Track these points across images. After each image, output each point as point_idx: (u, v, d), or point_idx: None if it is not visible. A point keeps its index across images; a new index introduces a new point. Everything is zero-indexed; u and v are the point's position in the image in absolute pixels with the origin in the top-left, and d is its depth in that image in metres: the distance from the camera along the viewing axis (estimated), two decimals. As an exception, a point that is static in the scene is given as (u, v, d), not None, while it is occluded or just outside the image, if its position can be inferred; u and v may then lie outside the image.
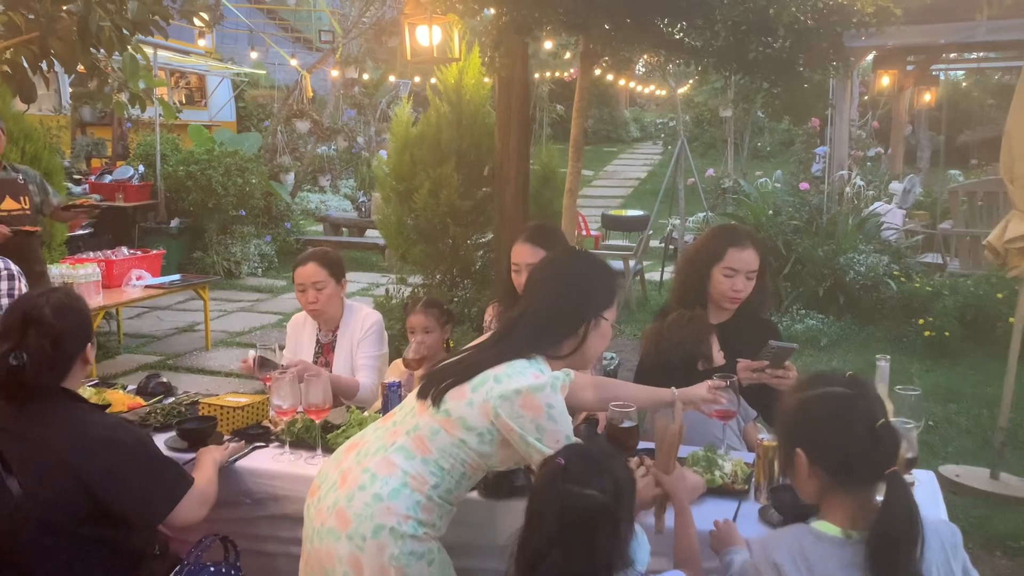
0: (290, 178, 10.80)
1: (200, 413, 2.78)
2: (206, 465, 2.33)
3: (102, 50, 7.10)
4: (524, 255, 2.94)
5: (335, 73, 11.90)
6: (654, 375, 2.67)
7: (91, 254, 6.43)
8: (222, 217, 9.39)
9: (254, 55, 12.05)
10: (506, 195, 5.01)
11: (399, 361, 3.24)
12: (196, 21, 7.67)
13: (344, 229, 11.57)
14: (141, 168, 9.77)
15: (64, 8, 6.78)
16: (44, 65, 7.23)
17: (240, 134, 11.52)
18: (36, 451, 2.05)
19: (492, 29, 3.98)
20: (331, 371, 3.45)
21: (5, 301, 3.87)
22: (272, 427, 2.71)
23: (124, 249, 6.58)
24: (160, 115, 9.54)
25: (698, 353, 2.68)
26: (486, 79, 5.36)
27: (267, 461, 2.48)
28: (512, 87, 4.81)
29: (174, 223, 9.60)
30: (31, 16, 6.66)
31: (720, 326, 2.82)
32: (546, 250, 2.93)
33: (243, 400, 2.78)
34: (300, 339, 3.58)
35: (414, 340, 3.33)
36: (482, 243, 5.61)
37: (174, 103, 9.81)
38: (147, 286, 6.21)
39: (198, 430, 2.59)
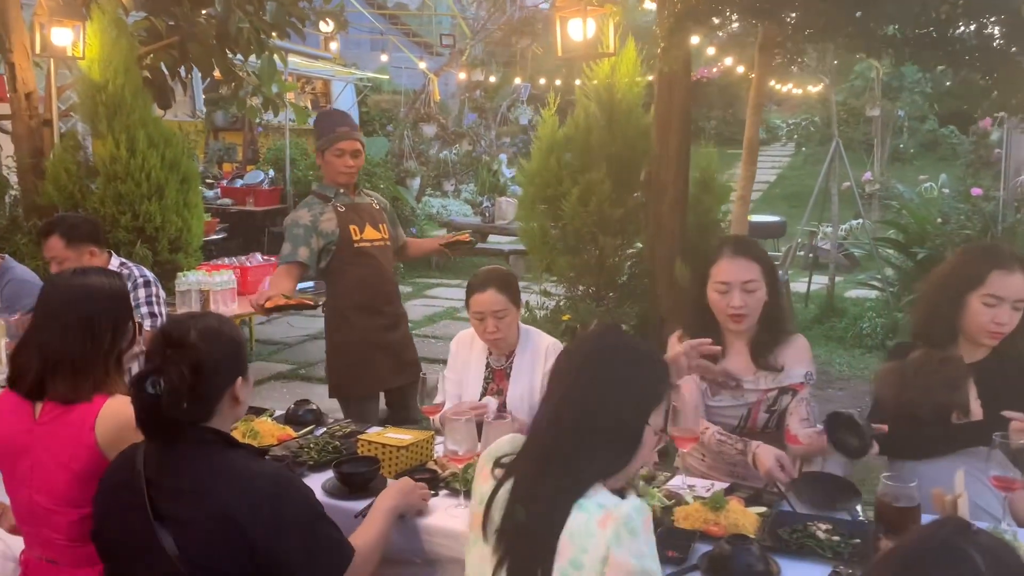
0: (415, 183, 10.66)
1: (359, 451, 2.47)
2: (381, 518, 2.00)
3: (238, 55, 7.11)
4: (736, 272, 2.54)
5: (462, 76, 11.72)
6: (896, 426, 2.20)
7: (226, 260, 6.36)
8: (349, 222, 9.29)
9: (384, 58, 11.99)
10: (663, 202, 4.57)
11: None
12: (322, 27, 7.62)
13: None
14: (271, 172, 9.81)
15: (203, 12, 6.79)
16: (182, 70, 7.29)
17: (367, 138, 11.47)
18: (194, 504, 1.77)
19: (668, 16, 3.56)
20: (504, 401, 3.11)
21: (144, 310, 3.71)
22: (439, 470, 2.37)
23: (258, 255, 6.49)
24: (291, 120, 9.56)
25: (952, 403, 2.19)
26: (640, 77, 4.93)
27: (442, 516, 2.14)
28: (674, 84, 4.38)
29: (302, 228, 9.57)
30: (171, 22, 6.72)
31: (975, 366, 2.31)
32: (760, 265, 2.57)
33: (406, 438, 2.46)
34: (467, 361, 3.24)
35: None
36: (630, 253, 5.17)
37: (306, 107, 9.81)
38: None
39: (360, 476, 2.27)
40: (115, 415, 2.02)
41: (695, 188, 4.80)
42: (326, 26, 7.46)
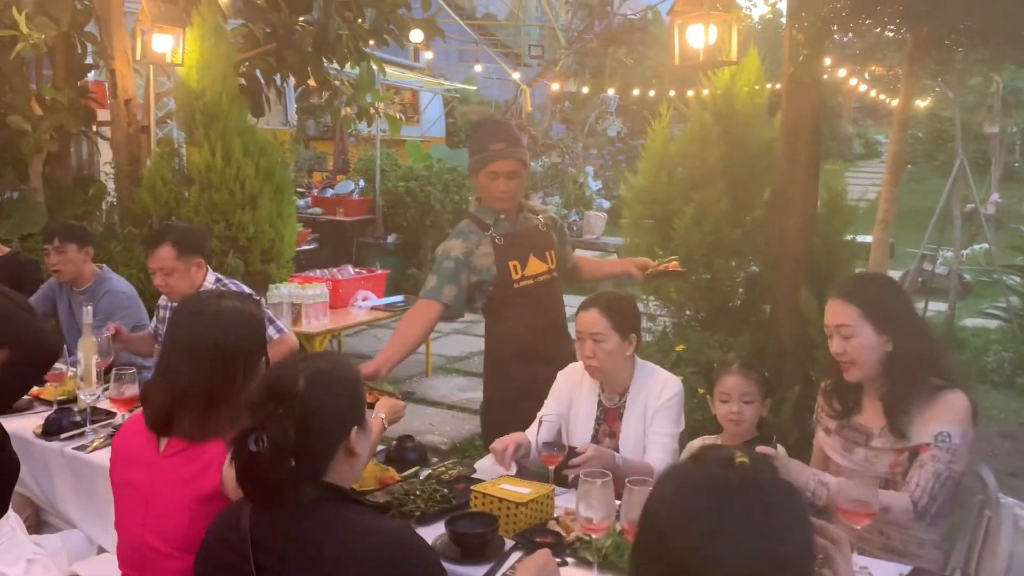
0: (504, 194, 10.44)
1: (472, 506, 2.19)
2: None
3: (334, 63, 7.00)
4: (831, 315, 2.34)
5: (555, 86, 11.47)
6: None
7: (317, 272, 6.23)
8: (438, 234, 9.11)
9: (478, 68, 11.85)
10: (789, 223, 4.18)
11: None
12: (413, 36, 7.45)
13: (554, 248, 11.07)
14: (361, 183, 9.73)
15: (301, 20, 6.70)
16: (278, 78, 7.23)
17: (456, 149, 11.33)
18: (304, 570, 1.52)
19: (811, 22, 3.20)
20: (618, 444, 2.81)
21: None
22: (563, 533, 2.07)
23: (349, 268, 6.35)
24: (383, 130, 9.46)
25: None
26: (761, 87, 4.57)
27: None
28: (805, 94, 3.99)
29: (390, 239, 9.47)
30: (267, 29, 6.65)
31: None
32: (859, 307, 2.29)
33: (525, 491, 2.16)
34: (578, 399, 2.95)
35: (725, 408, 2.64)
36: (743, 278, 4.80)
37: (400, 118, 9.71)
38: (373, 307, 5.89)
39: (477, 537, 1.99)
40: None
41: (822, 208, 4.40)
42: (417, 35, 7.30)
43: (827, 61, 3.51)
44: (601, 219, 10.34)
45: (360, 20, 6.08)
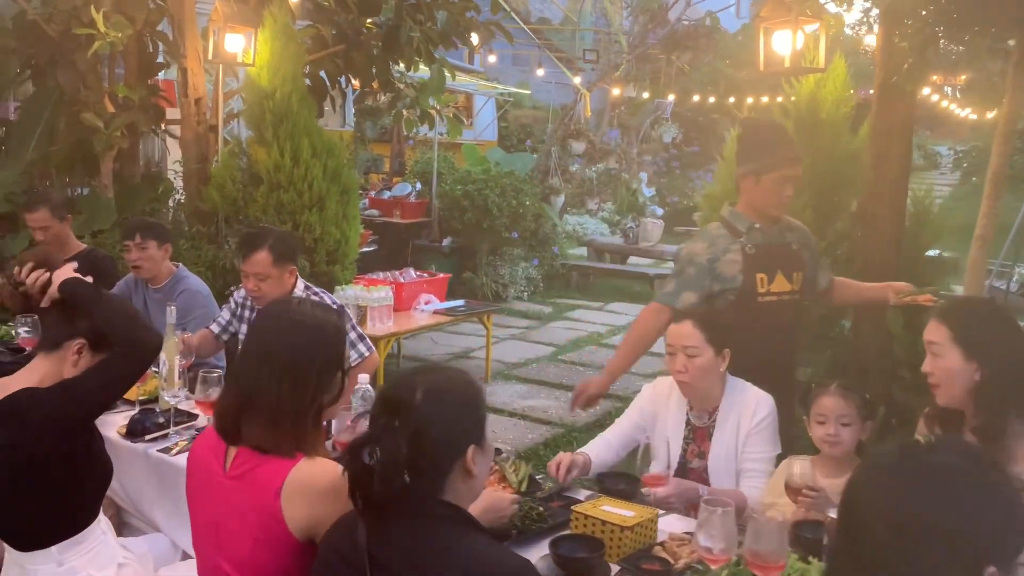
0: (559, 200, 10.36)
1: (572, 527, 2.11)
2: None
3: (399, 65, 6.99)
4: (930, 332, 2.22)
5: (616, 91, 11.37)
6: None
7: (380, 275, 6.20)
8: (494, 238, 9.07)
9: (540, 72, 11.79)
10: (874, 237, 4.05)
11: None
12: (474, 39, 7.38)
13: (607, 255, 10.97)
14: (418, 185, 9.72)
15: (368, 22, 6.70)
16: (342, 79, 7.23)
17: (512, 154, 11.28)
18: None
19: (922, 29, 3.07)
20: (707, 465, 2.71)
21: (352, 335, 3.48)
22: (671, 560, 1.98)
23: (411, 271, 6.32)
24: (441, 133, 9.44)
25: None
26: (848, 95, 4.42)
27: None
28: (899, 104, 3.85)
29: (446, 242, 9.44)
30: (334, 31, 6.65)
31: None
32: (948, 328, 2.17)
33: (629, 515, 2.08)
34: (664, 416, 2.86)
35: (822, 430, 2.52)
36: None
37: (463, 121, 9.70)
38: (435, 311, 5.84)
39: (583, 563, 1.91)
40: (304, 483, 1.74)
41: (909, 222, 4.24)
42: (473, 38, 7.24)
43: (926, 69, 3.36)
44: (658, 226, 10.20)
45: (430, 23, 6.04)
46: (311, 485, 1.71)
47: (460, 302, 6.35)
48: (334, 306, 3.59)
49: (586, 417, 5.63)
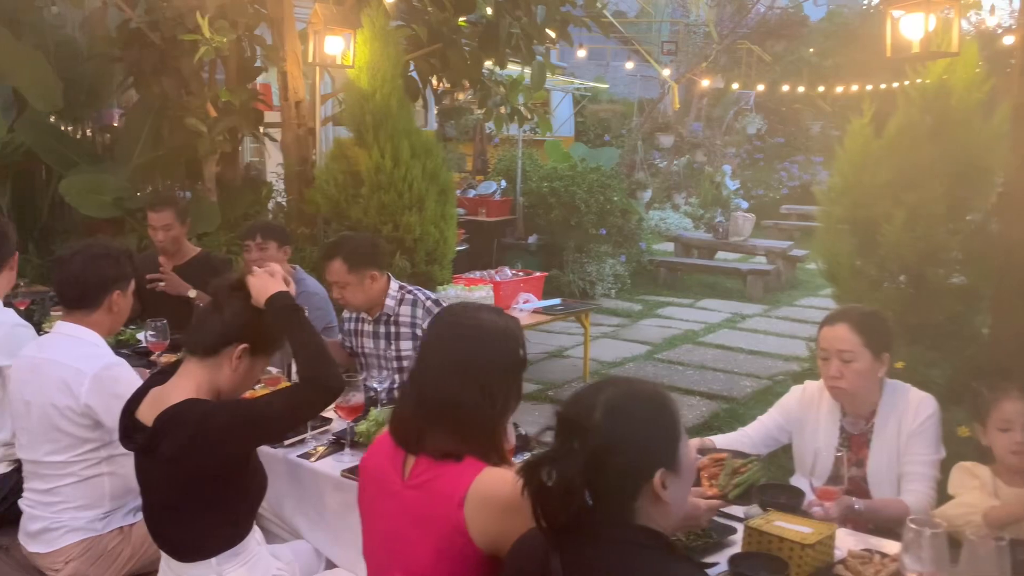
0: (646, 195, 10.18)
1: (746, 544, 2.00)
2: None
3: (488, 65, 6.94)
4: None
5: (705, 83, 11.14)
6: None
7: (477, 274, 6.16)
8: (580, 235, 8.96)
9: (630, 65, 11.64)
10: (1018, 229, 3.79)
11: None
12: (568, 34, 7.28)
13: (694, 250, 10.74)
14: (503, 183, 9.67)
15: (462, 19, 6.66)
16: (433, 79, 7.22)
17: (596, 149, 11.14)
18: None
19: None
20: (865, 475, 2.56)
21: None
22: (861, 580, 1.85)
23: (507, 270, 6.26)
24: (526, 130, 9.37)
25: None
26: (980, 80, 4.17)
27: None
28: (1046, 88, 3.61)
29: (531, 239, 9.37)
30: (428, 31, 6.62)
31: None
32: None
33: (807, 531, 1.96)
34: (814, 423, 2.72)
35: (1006, 438, 2.35)
36: (950, 287, 4.40)
37: (552, 117, 9.62)
38: (534, 311, 5.77)
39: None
40: (488, 494, 1.67)
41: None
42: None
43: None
44: (749, 220, 9.93)
45: (526, 18, 5.97)
46: (495, 496, 1.64)
47: (556, 301, 6.26)
48: (430, 300, 3.56)
49: (694, 418, 5.49)
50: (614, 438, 1.44)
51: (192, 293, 4.17)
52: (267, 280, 2.12)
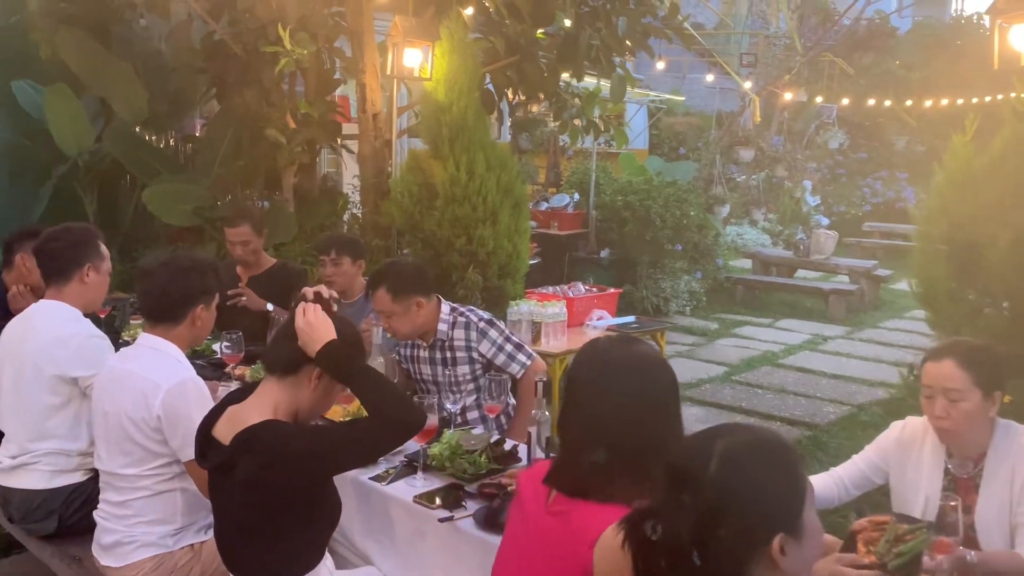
0: (724, 210, 9.93)
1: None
2: None
3: (564, 77, 6.84)
4: None
5: (788, 96, 10.84)
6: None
7: (550, 289, 6.05)
8: (656, 251, 8.77)
9: (710, 77, 11.44)
10: None
11: None
12: (649, 46, 7.12)
13: (773, 268, 10.42)
14: (576, 196, 9.56)
15: (539, 32, 6.58)
16: (508, 91, 7.16)
17: (672, 162, 10.95)
18: None
19: None
20: (973, 522, 2.35)
21: (509, 348, 3.37)
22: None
23: (580, 285, 6.12)
24: (600, 143, 9.24)
25: None
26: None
27: None
28: None
29: (604, 254, 9.22)
30: (504, 42, 6.56)
31: None
32: None
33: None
34: (916, 463, 2.52)
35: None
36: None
37: (628, 129, 9.48)
38: (608, 328, 5.63)
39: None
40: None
41: None
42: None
43: None
44: (831, 238, 9.58)
45: (606, 30, 5.85)
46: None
47: (631, 318, 6.11)
48: (483, 321, 3.46)
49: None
50: (730, 494, 1.30)
51: (269, 307, 4.17)
52: (313, 331, 2.04)
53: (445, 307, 3.44)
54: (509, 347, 3.42)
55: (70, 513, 2.83)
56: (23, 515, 2.86)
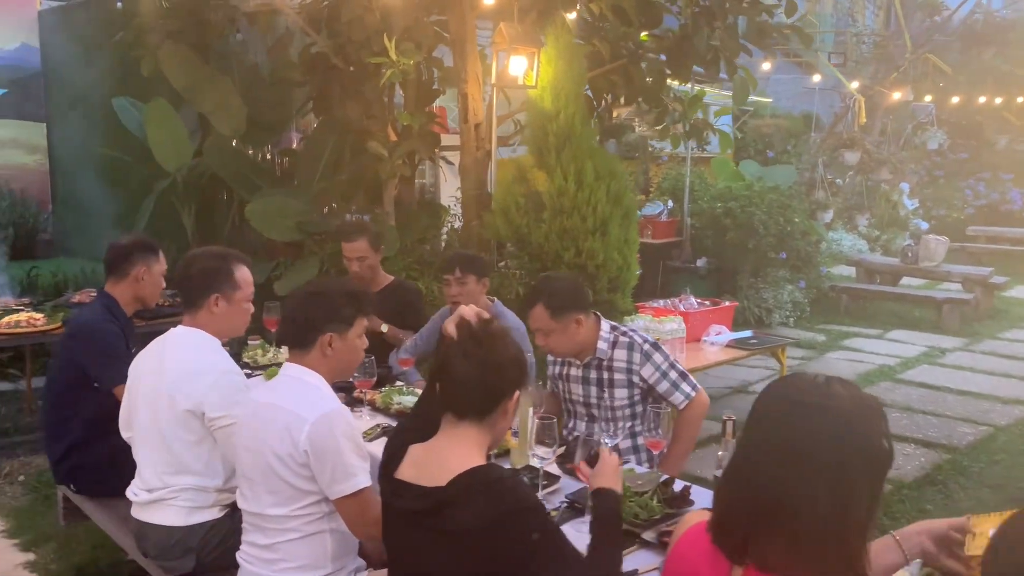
0: (826, 216, 9.50)
1: None
2: None
3: (673, 79, 6.58)
4: None
5: (896, 95, 10.35)
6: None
7: (660, 302, 5.78)
8: (758, 260, 8.41)
9: (816, 78, 11.01)
10: None
11: None
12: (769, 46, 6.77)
13: (876, 275, 9.93)
14: (670, 203, 9.26)
15: (644, 33, 6.33)
16: (607, 97, 6.92)
17: (769, 167, 10.54)
18: None
19: None
20: None
21: (673, 375, 3.13)
22: None
23: (693, 299, 5.83)
24: (695, 148, 8.92)
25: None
26: None
27: None
28: None
29: (700, 262, 8.90)
30: (604, 45, 6.33)
31: None
32: None
33: None
34: None
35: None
36: None
37: (735, 135, 9.16)
38: (727, 344, 5.34)
39: None
40: None
41: None
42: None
43: None
44: (942, 244, 9.07)
45: (721, 31, 5.57)
46: None
47: (748, 333, 5.80)
48: (648, 344, 3.23)
49: (913, 470, 4.90)
50: None
51: (384, 328, 4.02)
52: (609, 472, 2.14)
53: (605, 325, 3.23)
54: (673, 374, 3.17)
55: (207, 551, 2.70)
56: (159, 552, 2.74)
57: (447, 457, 1.83)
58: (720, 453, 2.25)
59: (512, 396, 1.95)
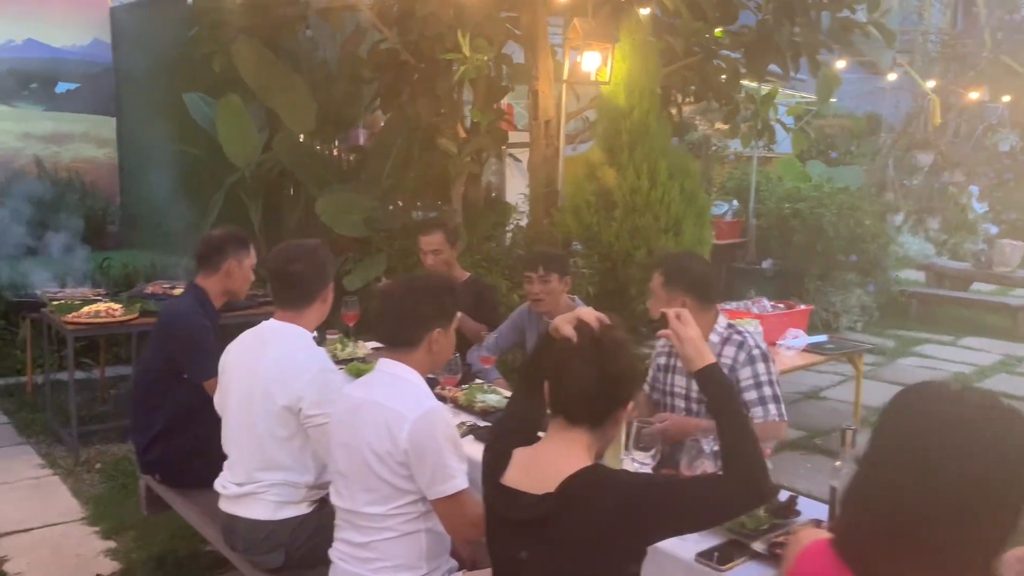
0: (896, 218, 9.24)
1: None
2: None
3: (741, 81, 6.43)
4: None
5: (974, 95, 10.03)
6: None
7: (733, 305, 5.65)
8: (826, 263, 8.21)
9: (892, 77, 10.74)
10: None
11: None
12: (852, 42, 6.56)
13: (946, 280, 9.64)
14: (735, 203, 9.09)
15: (718, 30, 6.20)
16: (679, 95, 6.79)
17: (835, 168, 10.31)
18: None
19: None
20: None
21: (768, 391, 3.02)
22: None
23: (766, 302, 5.69)
24: (762, 147, 8.74)
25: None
26: None
27: None
28: None
29: (766, 264, 8.71)
30: (678, 41, 6.21)
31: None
32: None
33: None
34: None
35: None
36: None
37: (807, 133, 8.97)
38: (804, 349, 5.20)
39: None
40: None
41: None
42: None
43: None
44: (1017, 249, 8.76)
45: (803, 27, 5.43)
46: None
47: (823, 337, 5.64)
48: (757, 349, 3.11)
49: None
50: None
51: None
52: (698, 344, 1.93)
53: (722, 321, 3.12)
54: (768, 391, 3.02)
55: (296, 546, 2.68)
56: (248, 546, 2.73)
57: (556, 462, 1.77)
58: (837, 463, 2.15)
59: (626, 406, 1.89)
